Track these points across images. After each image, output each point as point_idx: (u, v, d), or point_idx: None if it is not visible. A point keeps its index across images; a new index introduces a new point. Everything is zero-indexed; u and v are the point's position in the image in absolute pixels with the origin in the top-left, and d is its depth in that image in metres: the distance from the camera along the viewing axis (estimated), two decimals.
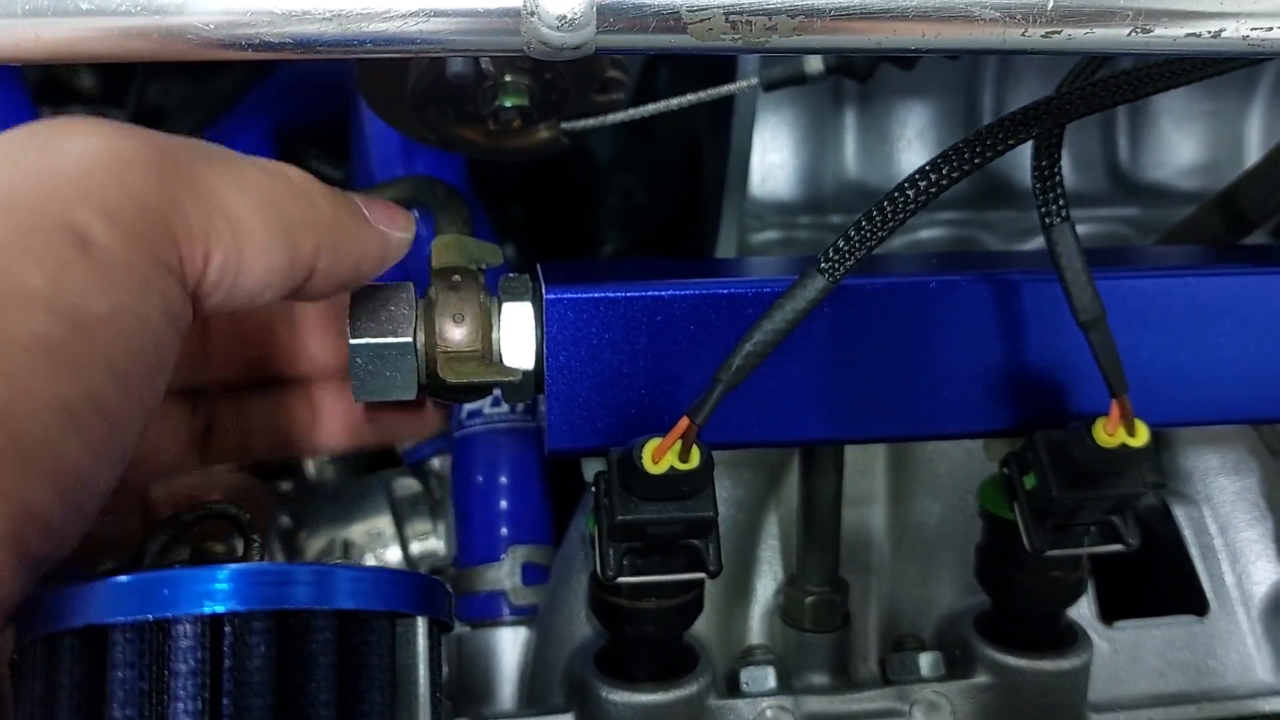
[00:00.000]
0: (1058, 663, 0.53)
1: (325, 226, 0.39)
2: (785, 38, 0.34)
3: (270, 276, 0.37)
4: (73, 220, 0.31)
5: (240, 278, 0.36)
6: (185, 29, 0.32)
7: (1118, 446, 0.45)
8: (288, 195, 0.38)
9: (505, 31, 0.33)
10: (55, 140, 0.33)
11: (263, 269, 0.37)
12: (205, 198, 0.34)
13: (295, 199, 0.38)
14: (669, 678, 0.52)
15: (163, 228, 0.33)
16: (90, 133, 0.34)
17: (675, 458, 0.44)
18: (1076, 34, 0.35)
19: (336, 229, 0.40)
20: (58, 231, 0.31)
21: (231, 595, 0.28)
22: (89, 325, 0.30)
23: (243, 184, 0.36)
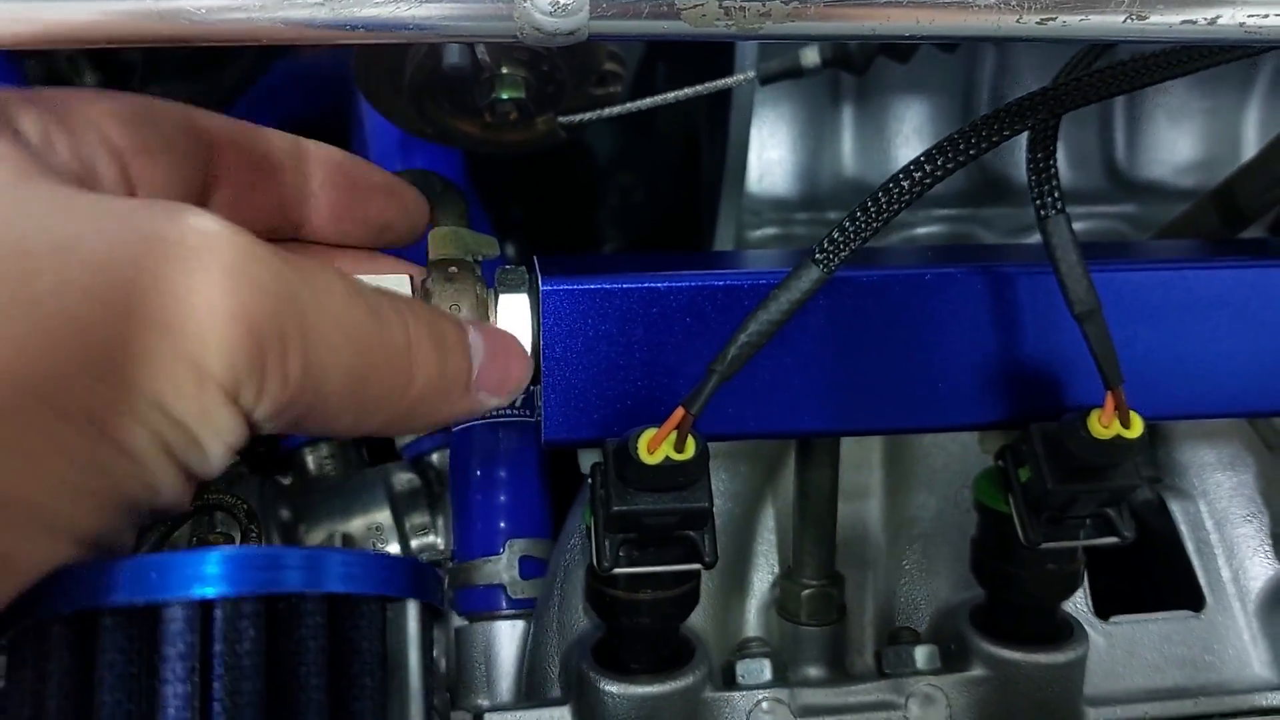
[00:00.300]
0: (1053, 656, 0.53)
1: (403, 410, 0.38)
2: (779, 24, 0.34)
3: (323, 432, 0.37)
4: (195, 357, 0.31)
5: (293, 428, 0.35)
6: (178, 12, 0.32)
7: (1112, 438, 0.45)
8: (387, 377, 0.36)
9: (498, 17, 0.33)
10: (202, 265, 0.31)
11: (320, 428, 0.36)
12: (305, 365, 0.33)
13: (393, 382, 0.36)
14: (665, 670, 0.52)
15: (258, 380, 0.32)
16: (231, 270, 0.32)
17: (671, 448, 0.44)
18: (1071, 20, 0.35)
19: (415, 413, 0.38)
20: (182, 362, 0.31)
21: (221, 579, 0.28)
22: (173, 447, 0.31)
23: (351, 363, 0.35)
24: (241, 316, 0.31)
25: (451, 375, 0.40)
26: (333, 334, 0.34)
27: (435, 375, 0.38)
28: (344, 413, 0.36)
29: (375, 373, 0.36)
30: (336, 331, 0.34)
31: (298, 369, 0.33)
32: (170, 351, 0.30)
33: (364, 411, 0.36)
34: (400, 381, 0.37)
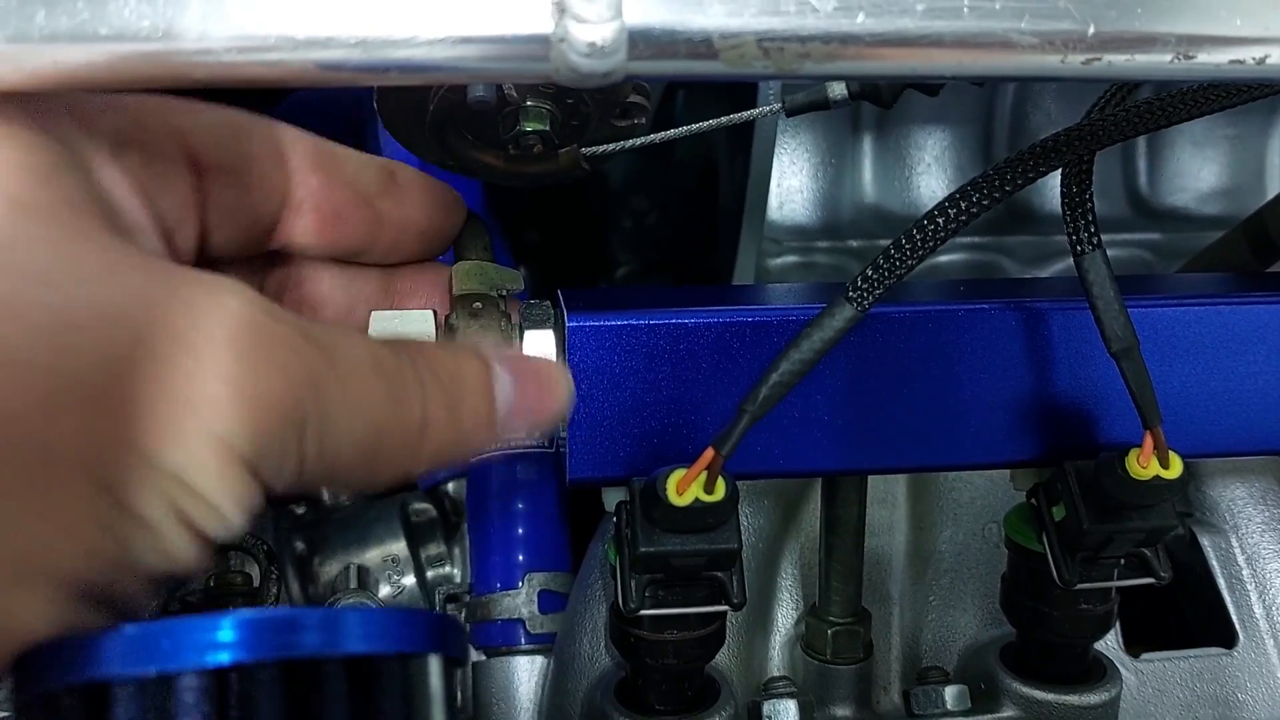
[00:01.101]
0: (1086, 697, 0.52)
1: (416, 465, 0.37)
2: (819, 64, 0.33)
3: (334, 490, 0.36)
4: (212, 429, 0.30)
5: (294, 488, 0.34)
6: (207, 55, 0.32)
7: (1151, 478, 0.44)
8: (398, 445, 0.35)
9: (534, 58, 0.33)
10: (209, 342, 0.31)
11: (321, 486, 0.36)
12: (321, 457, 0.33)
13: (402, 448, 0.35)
14: (690, 711, 0.51)
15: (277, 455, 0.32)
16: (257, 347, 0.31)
17: (700, 489, 0.43)
18: (1117, 60, 0.34)
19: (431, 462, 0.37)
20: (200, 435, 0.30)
21: (236, 645, 0.27)
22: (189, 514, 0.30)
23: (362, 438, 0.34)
24: (264, 397, 0.31)
25: (469, 425, 0.38)
26: (352, 419, 0.33)
27: (452, 436, 0.37)
28: (355, 479, 0.36)
29: (388, 444, 0.35)
30: (356, 416, 0.33)
31: (314, 450, 0.32)
32: (192, 426, 0.30)
33: (374, 474, 0.36)
34: (411, 447, 0.36)
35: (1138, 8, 0.34)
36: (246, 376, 0.31)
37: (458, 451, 0.38)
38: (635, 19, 0.32)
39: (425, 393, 0.36)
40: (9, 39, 0.31)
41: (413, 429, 0.35)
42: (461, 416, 0.37)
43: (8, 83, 0.31)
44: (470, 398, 0.38)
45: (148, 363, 0.30)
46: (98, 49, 0.31)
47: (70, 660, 0.28)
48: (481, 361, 0.39)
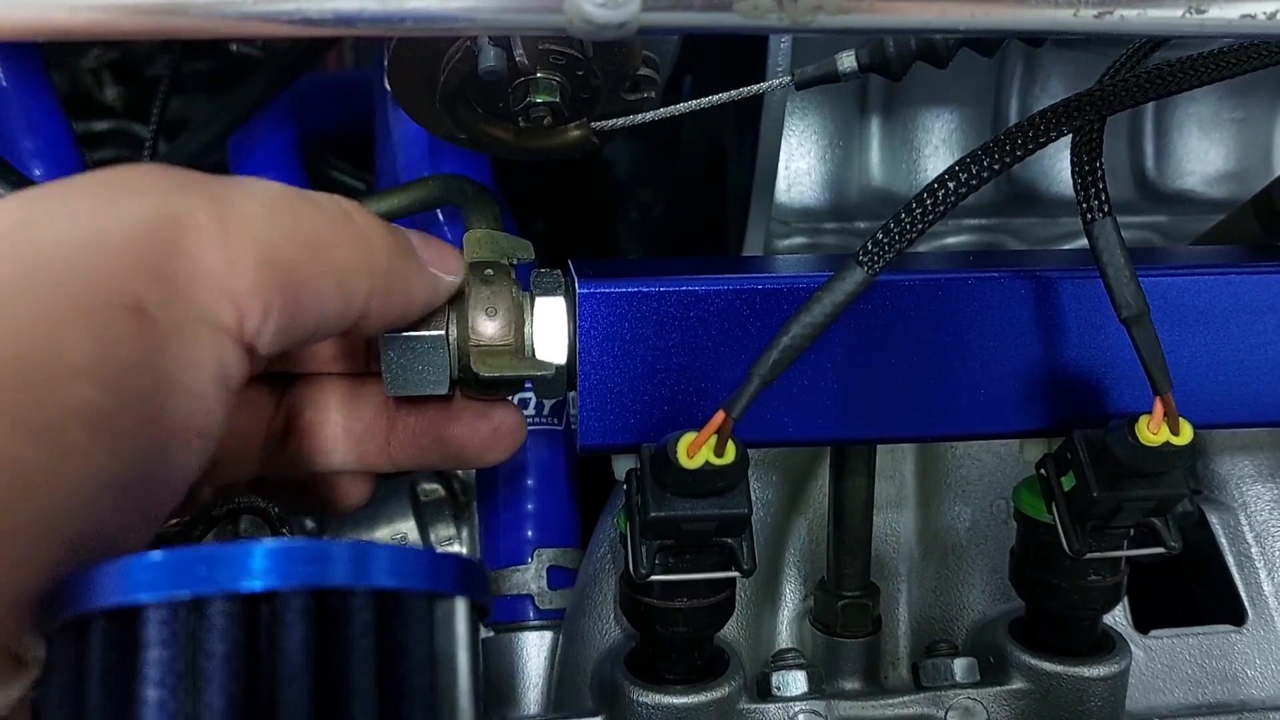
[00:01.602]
0: (1096, 669, 0.52)
1: (380, 273, 0.40)
2: (832, 16, 0.33)
3: (323, 322, 0.38)
4: (127, 290, 0.31)
5: (295, 326, 0.36)
6: (226, 5, 0.32)
7: (1161, 445, 0.44)
8: (346, 241, 0.38)
9: (548, 9, 0.33)
10: (115, 200, 0.33)
11: (316, 317, 0.37)
12: (264, 254, 0.35)
13: (353, 244, 0.39)
14: (700, 680, 0.51)
15: (219, 291, 0.33)
16: (150, 190, 0.33)
17: (710, 453, 0.43)
18: (1129, 14, 0.34)
19: (390, 274, 0.40)
20: (111, 303, 0.31)
21: (269, 572, 0.28)
22: (135, 397, 0.31)
23: (301, 233, 0.37)
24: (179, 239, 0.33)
25: (402, 240, 0.41)
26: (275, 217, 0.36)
27: (388, 237, 0.40)
28: (324, 285, 0.37)
29: (327, 233, 0.37)
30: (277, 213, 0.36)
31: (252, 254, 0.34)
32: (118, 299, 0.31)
33: (343, 278, 0.38)
34: (358, 238, 0.39)
35: None
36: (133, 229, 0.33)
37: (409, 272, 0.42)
38: None
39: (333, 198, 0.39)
40: None
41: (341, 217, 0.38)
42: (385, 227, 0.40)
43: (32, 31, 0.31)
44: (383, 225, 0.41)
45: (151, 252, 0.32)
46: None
47: (100, 585, 0.28)
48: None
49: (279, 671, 0.27)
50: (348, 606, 0.28)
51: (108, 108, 1.06)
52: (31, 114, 0.75)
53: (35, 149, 0.74)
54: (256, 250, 0.35)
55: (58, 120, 0.77)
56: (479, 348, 0.46)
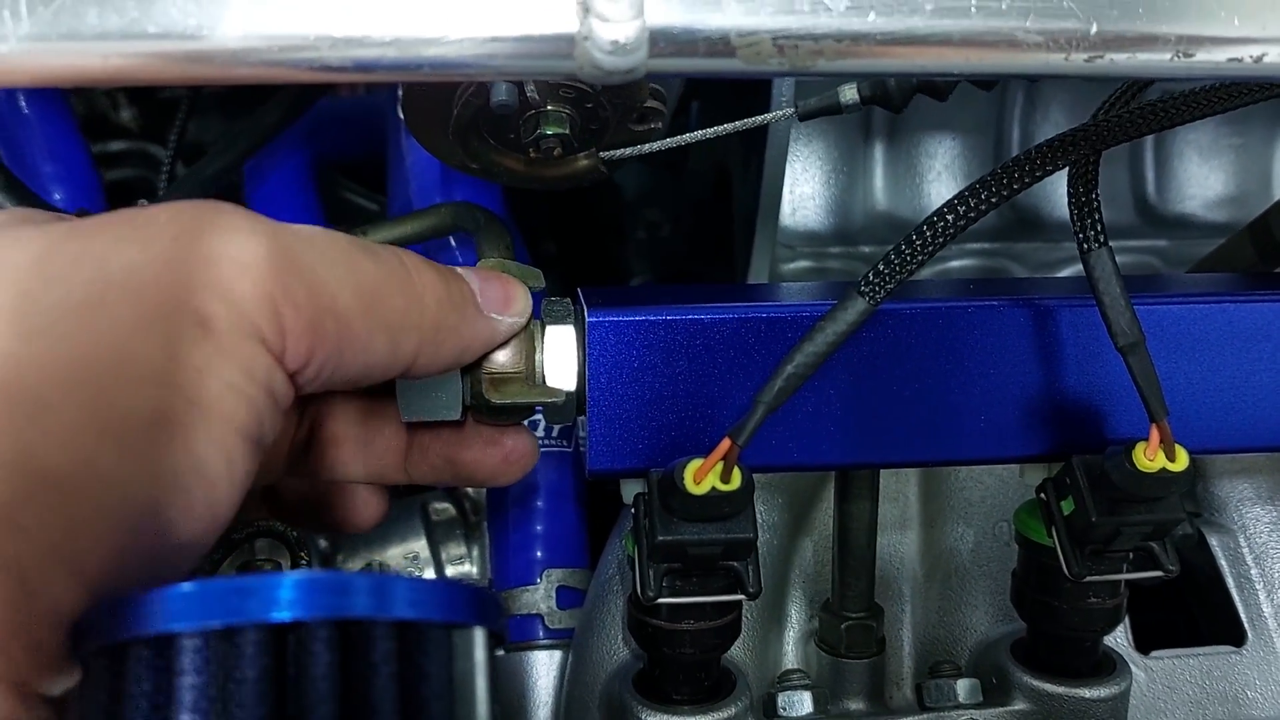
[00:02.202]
0: (1097, 690, 0.53)
1: (429, 328, 0.41)
2: (831, 61, 0.35)
3: (369, 370, 0.40)
4: (197, 305, 0.33)
5: (339, 371, 0.38)
6: (250, 53, 0.33)
7: (1157, 471, 0.45)
8: (398, 294, 0.39)
9: (559, 56, 0.34)
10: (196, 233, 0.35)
11: (362, 365, 0.39)
12: (318, 298, 0.36)
13: (405, 298, 0.40)
14: (707, 700, 0.52)
15: (273, 321, 0.35)
16: (228, 229, 0.35)
17: (717, 479, 0.44)
18: (1119, 59, 0.35)
19: (441, 329, 0.41)
20: (183, 314, 0.33)
21: (296, 603, 0.29)
22: (201, 400, 0.33)
23: (355, 283, 0.38)
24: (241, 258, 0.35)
25: (457, 293, 0.43)
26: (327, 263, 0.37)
27: (443, 291, 0.41)
28: (374, 336, 0.38)
29: (383, 288, 0.39)
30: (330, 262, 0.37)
31: (304, 295, 0.36)
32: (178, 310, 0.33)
33: (392, 333, 0.39)
34: (411, 294, 0.40)
35: (1139, 8, 0.35)
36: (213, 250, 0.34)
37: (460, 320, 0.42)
38: (656, 18, 0.34)
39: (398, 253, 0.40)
40: (63, 37, 0.32)
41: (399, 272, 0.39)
42: (445, 278, 0.42)
43: (63, 78, 0.33)
44: (446, 272, 0.42)
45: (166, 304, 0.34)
46: (146, 46, 0.33)
47: (136, 615, 0.29)
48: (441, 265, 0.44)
49: (306, 697, 0.29)
50: (370, 636, 0.29)
51: (123, 129, 1.07)
52: (52, 140, 0.77)
53: (55, 173, 0.76)
54: (311, 290, 0.36)
55: (77, 146, 0.79)
56: (490, 375, 0.47)
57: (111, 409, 0.31)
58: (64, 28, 0.32)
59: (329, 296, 0.37)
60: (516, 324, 0.46)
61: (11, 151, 0.75)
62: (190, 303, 0.33)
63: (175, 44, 0.33)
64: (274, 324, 0.35)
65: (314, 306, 0.36)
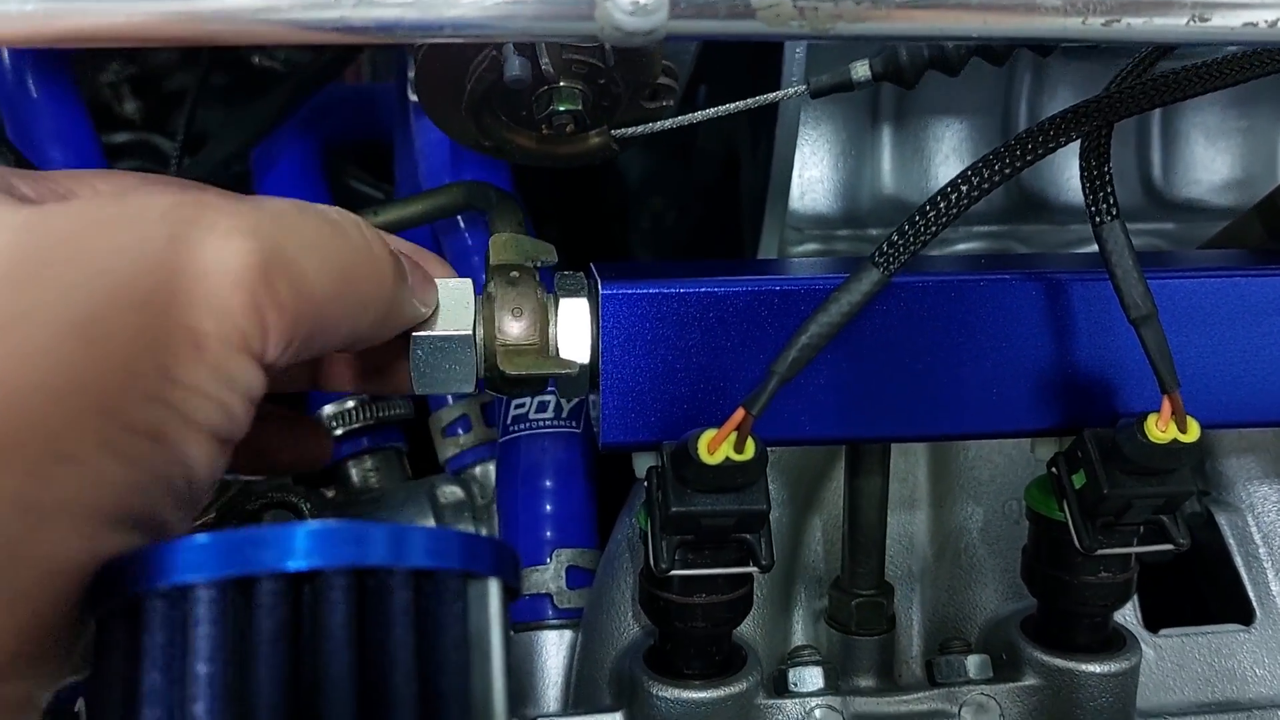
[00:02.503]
0: (1107, 665, 0.53)
1: (385, 304, 0.42)
2: (851, 24, 0.35)
3: (329, 347, 0.41)
4: (193, 325, 0.34)
5: (302, 354, 0.39)
6: (273, 10, 0.33)
7: (1169, 442, 0.46)
8: (365, 274, 0.40)
9: (580, 17, 0.34)
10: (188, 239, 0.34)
11: (325, 344, 0.40)
12: (300, 294, 0.37)
13: (370, 278, 0.41)
14: (718, 675, 0.52)
15: (259, 328, 0.35)
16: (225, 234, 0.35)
17: (731, 449, 0.44)
18: (1135, 23, 0.35)
19: (393, 306, 0.43)
20: (178, 332, 0.33)
21: (312, 552, 0.29)
22: (191, 415, 0.34)
23: (334, 268, 0.38)
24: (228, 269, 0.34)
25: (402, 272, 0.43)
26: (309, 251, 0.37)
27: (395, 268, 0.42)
28: (342, 320, 0.39)
29: (354, 269, 0.39)
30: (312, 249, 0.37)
31: (288, 293, 0.36)
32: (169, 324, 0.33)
33: (358, 311, 0.40)
34: (375, 273, 0.41)
35: None
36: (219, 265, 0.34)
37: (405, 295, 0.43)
38: None
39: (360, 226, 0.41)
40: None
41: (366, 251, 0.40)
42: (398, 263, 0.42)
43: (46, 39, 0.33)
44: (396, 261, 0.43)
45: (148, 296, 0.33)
46: (169, 6, 0.33)
47: (151, 568, 0.29)
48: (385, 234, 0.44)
49: (322, 646, 0.29)
50: (387, 585, 0.30)
51: (127, 120, 1.07)
52: (61, 125, 0.77)
53: (64, 159, 0.76)
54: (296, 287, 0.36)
55: (86, 131, 0.79)
56: (505, 347, 0.47)
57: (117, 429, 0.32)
58: None
59: (309, 289, 0.37)
60: (426, 314, 0.46)
61: (21, 133, 0.75)
62: (185, 321, 0.33)
63: (198, 3, 0.33)
64: (260, 330, 0.35)
65: (297, 303, 0.37)
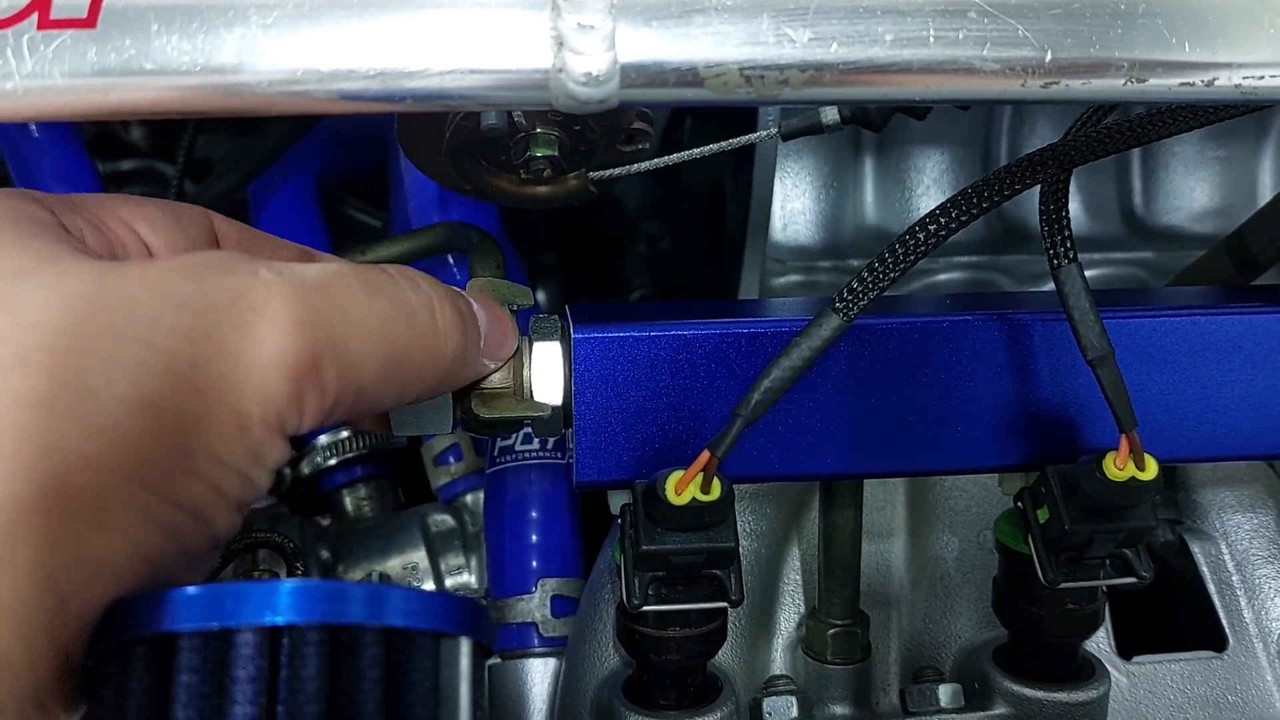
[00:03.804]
0: (1074, 694, 0.54)
1: (437, 378, 0.42)
2: (797, 90, 0.36)
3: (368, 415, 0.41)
4: (238, 407, 0.34)
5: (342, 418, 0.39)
6: (242, 86, 0.35)
7: (1127, 480, 0.47)
8: (420, 355, 0.40)
9: (535, 87, 0.36)
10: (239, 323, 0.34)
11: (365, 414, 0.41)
12: (345, 379, 0.37)
13: (423, 360, 0.40)
14: (693, 706, 0.54)
15: (298, 410, 0.36)
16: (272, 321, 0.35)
17: (697, 489, 0.46)
18: (1074, 84, 0.37)
19: (448, 377, 0.42)
20: (226, 419, 0.34)
21: (291, 608, 0.30)
22: (227, 491, 0.35)
23: (384, 354, 0.38)
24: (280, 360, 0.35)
25: (472, 342, 0.43)
26: (363, 339, 0.37)
27: (460, 343, 0.42)
28: (385, 396, 0.39)
29: (412, 353, 0.39)
30: (365, 336, 0.37)
31: (334, 380, 0.36)
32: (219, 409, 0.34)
33: (404, 387, 0.40)
34: (435, 353, 0.40)
35: (1092, 35, 0.37)
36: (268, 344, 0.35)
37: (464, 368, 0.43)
38: (627, 51, 0.35)
39: (433, 301, 0.40)
40: (65, 74, 0.34)
41: (430, 333, 0.40)
42: (466, 328, 0.42)
43: (65, 114, 0.35)
44: (468, 318, 0.43)
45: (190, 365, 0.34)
46: (143, 82, 0.35)
47: (140, 616, 0.31)
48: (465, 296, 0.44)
49: (296, 696, 0.30)
50: (359, 641, 0.31)
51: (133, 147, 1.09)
52: (60, 162, 0.79)
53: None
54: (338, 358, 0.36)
55: (86, 168, 0.81)
56: (480, 391, 0.48)
57: (163, 504, 0.33)
58: (66, 66, 0.34)
59: (356, 374, 0.37)
60: (499, 368, 0.47)
61: (22, 173, 0.77)
62: (233, 405, 0.34)
63: (171, 79, 0.35)
64: (298, 412, 0.36)
65: (340, 387, 0.37)
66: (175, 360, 0.33)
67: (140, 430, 0.32)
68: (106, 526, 0.32)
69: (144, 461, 0.32)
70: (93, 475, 0.32)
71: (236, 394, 0.34)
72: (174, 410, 0.33)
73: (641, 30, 0.35)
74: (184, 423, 0.33)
